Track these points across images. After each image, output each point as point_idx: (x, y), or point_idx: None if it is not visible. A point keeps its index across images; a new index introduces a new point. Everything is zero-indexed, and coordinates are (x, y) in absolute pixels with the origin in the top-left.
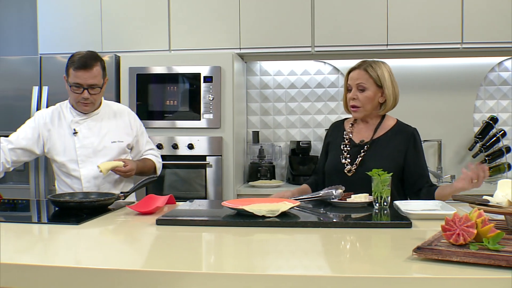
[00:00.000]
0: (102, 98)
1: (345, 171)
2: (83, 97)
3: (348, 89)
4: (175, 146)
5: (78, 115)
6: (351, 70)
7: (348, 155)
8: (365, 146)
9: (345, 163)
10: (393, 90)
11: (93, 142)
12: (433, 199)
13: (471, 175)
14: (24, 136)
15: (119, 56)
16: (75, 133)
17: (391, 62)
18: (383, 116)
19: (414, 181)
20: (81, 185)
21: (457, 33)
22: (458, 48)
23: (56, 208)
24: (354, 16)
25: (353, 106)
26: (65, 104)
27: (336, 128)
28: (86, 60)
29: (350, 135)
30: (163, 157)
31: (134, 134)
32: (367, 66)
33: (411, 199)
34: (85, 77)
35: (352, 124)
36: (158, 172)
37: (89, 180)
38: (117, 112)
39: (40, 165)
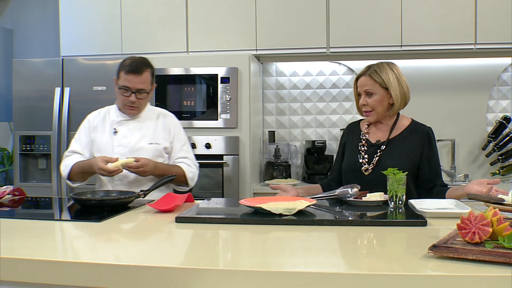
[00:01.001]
0: (148, 104)
1: (362, 170)
2: (130, 101)
3: (358, 95)
4: (193, 146)
5: (121, 116)
6: (358, 76)
7: (365, 155)
8: (382, 146)
9: (362, 162)
10: (401, 90)
11: (130, 142)
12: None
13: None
14: (85, 144)
15: None
16: (115, 132)
17: (405, 63)
18: (398, 116)
19: (428, 179)
20: (113, 182)
21: (470, 34)
22: (472, 48)
23: (78, 206)
24: (369, 18)
25: (365, 111)
26: (113, 106)
27: (352, 129)
28: (138, 65)
29: (367, 135)
30: None
31: (171, 140)
32: (371, 72)
33: (423, 197)
34: (135, 82)
35: (368, 125)
36: (190, 182)
37: (121, 178)
38: (160, 116)
39: None
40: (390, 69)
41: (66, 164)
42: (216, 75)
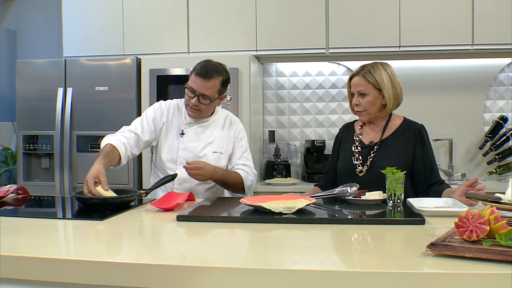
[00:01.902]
0: (218, 107)
1: (357, 172)
2: (191, 102)
3: (351, 94)
4: None
5: (189, 117)
6: (352, 76)
7: (359, 156)
8: (375, 147)
9: (356, 164)
10: (394, 91)
11: (196, 147)
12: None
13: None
14: (148, 129)
15: (140, 58)
16: (182, 134)
17: (403, 63)
18: (390, 116)
19: (423, 177)
20: (172, 185)
21: (467, 35)
22: (469, 49)
23: (81, 205)
24: (367, 19)
25: (357, 111)
26: (183, 102)
27: (347, 130)
28: (208, 70)
29: (360, 136)
30: None
31: (233, 145)
32: (365, 72)
33: (420, 196)
34: (200, 85)
35: (362, 126)
36: (246, 190)
37: (181, 182)
38: (227, 123)
39: (65, 163)
40: (384, 70)
41: (105, 140)
42: None
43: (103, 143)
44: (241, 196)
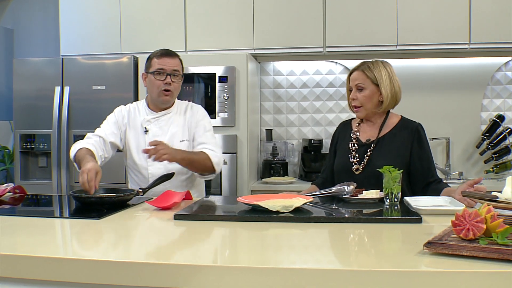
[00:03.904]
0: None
1: (353, 170)
2: (166, 83)
3: (350, 90)
4: None
5: (150, 114)
6: (351, 71)
7: (356, 154)
8: (372, 145)
9: (353, 161)
10: (392, 88)
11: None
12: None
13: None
14: (111, 132)
15: (137, 57)
16: (146, 131)
17: (401, 62)
18: (387, 115)
19: (420, 175)
20: (148, 184)
21: (465, 34)
22: (466, 48)
23: (78, 204)
24: (365, 18)
25: (354, 107)
26: (141, 102)
27: (344, 128)
28: (168, 51)
29: (357, 134)
30: None
31: (193, 130)
32: (365, 67)
33: (418, 195)
34: (169, 63)
35: (359, 124)
36: (216, 167)
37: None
38: (188, 110)
39: (62, 162)
40: (383, 67)
41: (76, 145)
42: (214, 74)
43: (74, 150)
44: (210, 178)
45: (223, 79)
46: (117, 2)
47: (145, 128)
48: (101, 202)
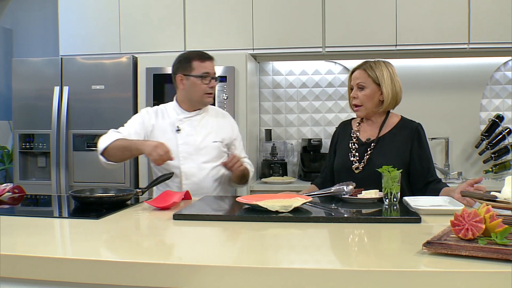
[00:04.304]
0: None
1: (353, 169)
2: (211, 87)
3: (351, 89)
4: None
5: (182, 113)
6: (353, 70)
7: (356, 153)
8: (372, 144)
9: (353, 160)
10: (393, 88)
11: (195, 140)
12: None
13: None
14: (134, 131)
15: (136, 57)
16: (178, 130)
17: (400, 62)
18: (388, 114)
19: (420, 175)
20: (180, 183)
21: (464, 34)
22: (465, 48)
23: (77, 204)
24: (364, 18)
25: (355, 105)
26: (170, 104)
27: (344, 127)
28: (208, 54)
29: (357, 133)
30: None
31: (234, 137)
32: (367, 66)
33: (417, 195)
34: (212, 67)
35: (359, 123)
36: (249, 182)
37: (188, 177)
38: (219, 114)
39: (61, 162)
40: (385, 67)
41: (107, 137)
42: None
43: (105, 142)
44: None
45: (222, 79)
46: (116, 2)
47: (177, 127)
48: (100, 202)
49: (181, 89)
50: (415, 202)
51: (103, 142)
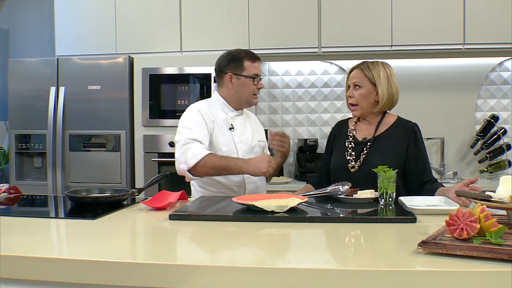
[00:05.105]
0: None
1: (349, 167)
2: (259, 88)
3: (348, 87)
4: None
5: (231, 111)
6: (351, 70)
7: (352, 152)
8: (368, 143)
9: (349, 159)
10: (389, 89)
11: (248, 138)
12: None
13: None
14: (205, 135)
15: (132, 58)
16: (231, 128)
17: (396, 62)
18: (384, 114)
19: (416, 175)
20: (244, 182)
21: (459, 34)
22: (460, 48)
23: (73, 204)
24: (360, 18)
25: (351, 104)
26: (213, 101)
27: (341, 127)
28: (256, 54)
29: (354, 132)
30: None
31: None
32: (364, 66)
33: (413, 194)
34: (259, 68)
35: (356, 123)
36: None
37: (250, 176)
38: (248, 114)
39: (57, 162)
40: (382, 67)
41: (195, 153)
42: (210, 75)
43: (195, 158)
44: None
45: None
46: (112, 2)
47: (231, 125)
48: (96, 202)
49: (229, 88)
50: (411, 202)
51: (190, 159)
